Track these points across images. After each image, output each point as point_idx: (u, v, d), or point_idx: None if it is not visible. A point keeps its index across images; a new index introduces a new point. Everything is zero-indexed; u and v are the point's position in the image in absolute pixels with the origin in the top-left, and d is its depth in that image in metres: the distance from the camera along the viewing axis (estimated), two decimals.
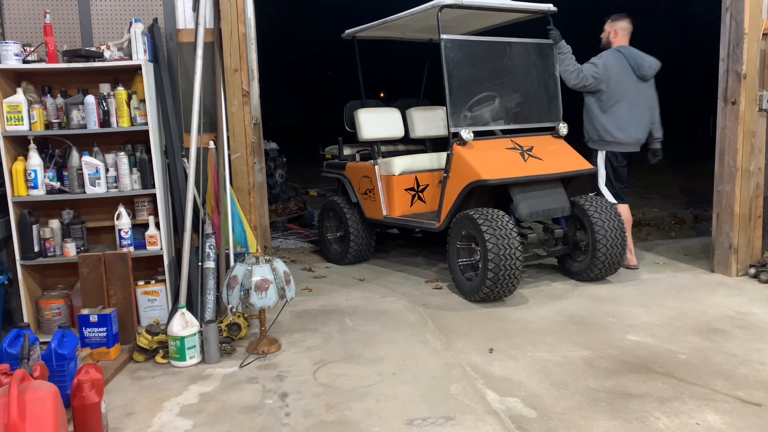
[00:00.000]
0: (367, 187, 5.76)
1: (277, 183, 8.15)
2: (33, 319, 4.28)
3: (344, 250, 5.98)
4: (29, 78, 4.31)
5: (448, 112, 4.86)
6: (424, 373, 3.54)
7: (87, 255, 4.09)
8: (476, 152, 4.83)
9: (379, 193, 5.60)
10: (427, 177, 5.61)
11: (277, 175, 8.14)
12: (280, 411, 3.15)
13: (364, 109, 6.02)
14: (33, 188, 4.14)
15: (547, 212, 4.90)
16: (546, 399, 3.18)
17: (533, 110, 5.47)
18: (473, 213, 4.62)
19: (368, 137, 5.88)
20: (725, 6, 5.10)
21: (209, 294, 4.21)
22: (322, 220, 6.30)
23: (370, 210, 5.76)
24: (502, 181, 4.70)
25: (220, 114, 4.65)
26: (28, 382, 2.46)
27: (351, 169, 6.03)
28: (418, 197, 5.60)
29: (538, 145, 5.10)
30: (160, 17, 4.60)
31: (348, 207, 5.96)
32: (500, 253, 4.38)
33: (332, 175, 6.32)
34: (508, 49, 5.30)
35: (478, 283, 4.57)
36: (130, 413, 3.19)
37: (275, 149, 8.41)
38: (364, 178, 5.78)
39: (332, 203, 6.12)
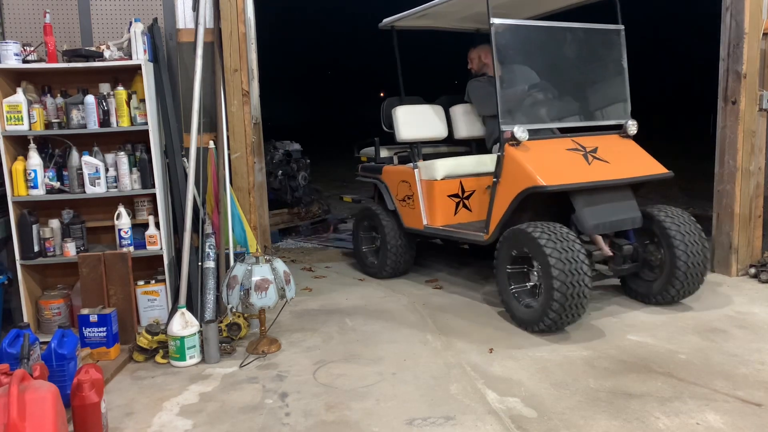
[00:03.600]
0: (405, 194, 5.18)
1: (300, 185, 7.78)
2: (33, 319, 4.28)
3: (381, 263, 5.45)
4: (29, 78, 4.31)
5: (499, 107, 4.23)
6: (424, 373, 3.54)
7: (87, 255, 4.09)
8: (532, 154, 4.20)
9: (419, 200, 5.03)
10: (473, 182, 5.01)
11: (300, 177, 7.75)
12: (280, 411, 3.15)
13: (403, 107, 5.44)
14: (33, 188, 4.14)
15: (616, 224, 4.19)
16: (546, 399, 3.18)
17: (597, 106, 4.80)
18: (529, 228, 3.95)
19: (407, 138, 5.34)
20: (725, 6, 5.10)
21: (209, 294, 4.21)
22: (356, 228, 5.79)
23: (409, 219, 5.19)
24: (563, 187, 4.04)
25: (220, 114, 4.65)
26: (28, 382, 2.46)
27: (388, 173, 5.45)
28: (462, 205, 5.00)
29: (604, 145, 4.46)
30: (160, 17, 4.60)
31: (385, 215, 5.40)
32: (567, 276, 3.75)
33: (367, 180, 5.76)
34: (569, 35, 4.66)
35: (540, 312, 3.90)
36: (130, 413, 3.19)
37: (298, 150, 8.01)
38: (403, 183, 5.21)
39: (367, 211, 5.61)
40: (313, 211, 7.84)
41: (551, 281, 3.77)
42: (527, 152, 4.21)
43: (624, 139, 4.67)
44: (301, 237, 7.43)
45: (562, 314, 3.83)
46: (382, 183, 5.50)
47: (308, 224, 7.61)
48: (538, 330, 3.98)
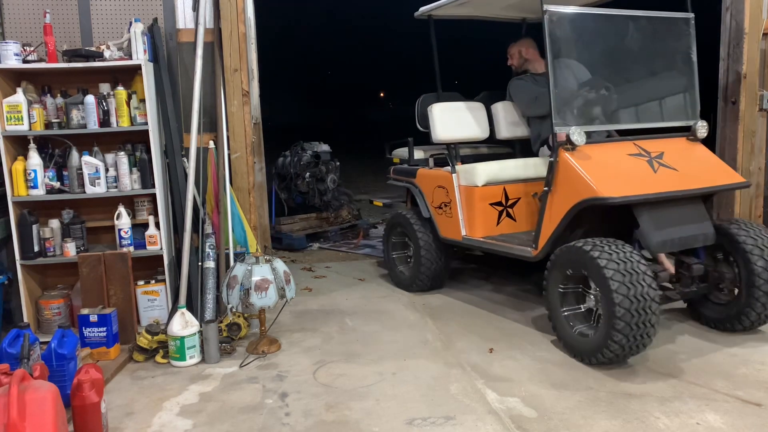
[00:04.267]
0: (442, 200, 4.69)
1: (329, 189, 7.31)
2: (33, 318, 4.28)
3: (414, 275, 4.99)
4: (29, 78, 4.30)
5: (553, 107, 3.76)
6: (424, 373, 3.54)
7: (87, 255, 4.09)
8: (590, 160, 3.70)
9: (458, 208, 4.54)
10: (518, 188, 4.48)
11: (328, 180, 7.30)
12: (280, 411, 3.15)
13: (440, 105, 4.89)
14: (33, 188, 4.14)
15: (686, 241, 3.67)
16: (546, 399, 3.18)
17: (662, 104, 4.28)
18: (587, 247, 3.45)
19: (444, 138, 4.80)
20: (725, 6, 5.10)
21: (209, 294, 4.21)
22: (387, 236, 5.34)
23: (446, 228, 4.70)
24: (628, 199, 3.52)
25: (220, 114, 4.65)
26: (28, 382, 2.46)
27: (423, 177, 4.97)
28: (506, 214, 4.48)
29: (671, 150, 3.93)
30: (160, 17, 4.60)
31: (419, 223, 4.93)
32: (631, 303, 3.24)
33: (400, 184, 5.31)
34: (631, 25, 4.13)
35: (600, 342, 3.38)
36: (130, 413, 3.19)
37: (327, 152, 7.52)
38: (439, 188, 4.73)
39: (399, 218, 5.13)
40: (342, 216, 7.46)
41: (613, 308, 3.26)
42: (585, 158, 3.71)
43: (692, 143, 4.10)
44: (329, 243, 7.09)
45: (624, 346, 3.30)
46: (415, 187, 5.03)
47: (337, 230, 7.28)
48: (595, 362, 3.47)
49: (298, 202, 7.35)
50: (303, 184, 7.19)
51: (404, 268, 5.20)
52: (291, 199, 7.32)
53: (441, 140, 4.82)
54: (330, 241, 7.13)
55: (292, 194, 7.31)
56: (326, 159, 7.43)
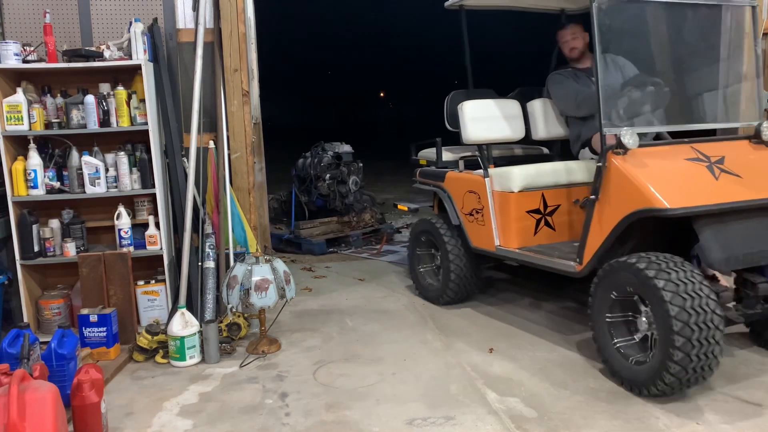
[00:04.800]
0: (473, 206, 4.32)
1: (351, 191, 6.95)
2: (33, 318, 4.28)
3: (442, 287, 4.62)
4: (29, 78, 4.31)
5: (601, 105, 3.37)
6: (424, 373, 3.54)
7: (87, 255, 4.09)
8: (644, 165, 3.29)
9: (491, 216, 4.17)
10: (558, 194, 4.09)
11: (350, 183, 6.93)
12: (280, 411, 3.15)
13: (471, 102, 4.48)
14: (33, 188, 4.14)
15: (753, 258, 3.20)
16: (546, 399, 3.18)
17: (721, 103, 3.89)
18: (640, 264, 3.07)
19: (476, 139, 4.39)
20: None
21: (209, 294, 4.21)
22: (413, 244, 4.97)
23: (478, 237, 4.32)
24: (690, 210, 3.10)
25: (220, 114, 4.65)
26: (28, 382, 2.46)
27: (452, 180, 4.56)
28: (544, 222, 4.09)
29: (732, 154, 3.49)
30: (160, 17, 4.60)
31: (447, 231, 4.56)
32: (693, 331, 2.88)
33: (427, 188, 4.90)
34: (689, 13, 3.76)
35: (656, 370, 3.00)
36: (130, 413, 3.19)
37: (349, 152, 7.17)
38: (470, 193, 4.34)
39: (426, 224, 4.77)
40: (365, 220, 7.11)
41: (671, 337, 2.90)
42: (638, 163, 3.29)
43: (756, 147, 3.62)
44: (351, 248, 6.78)
45: (682, 378, 2.97)
46: (444, 192, 4.63)
47: (359, 234, 6.96)
48: (647, 394, 3.11)
49: (318, 206, 7.06)
50: (323, 187, 6.87)
51: (431, 279, 4.83)
52: (311, 202, 7.03)
53: (472, 141, 4.41)
54: (351, 246, 6.83)
55: (312, 197, 7.02)
56: (348, 160, 7.08)
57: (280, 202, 7.50)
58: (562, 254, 3.78)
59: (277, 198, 7.52)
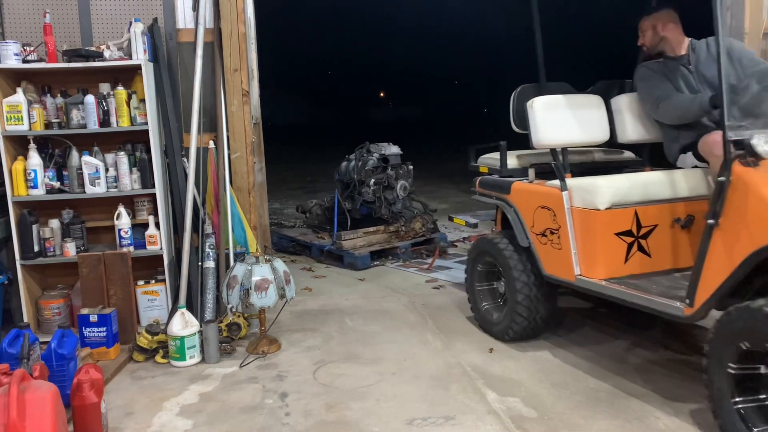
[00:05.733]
0: (547, 226, 3.58)
1: (399, 197, 6.30)
2: (33, 318, 4.28)
3: (507, 319, 3.87)
4: (29, 78, 4.30)
5: (725, 102, 2.68)
6: (424, 373, 3.54)
7: (87, 255, 4.09)
8: None
9: (569, 238, 3.42)
10: (655, 212, 3.33)
11: (398, 188, 6.26)
12: (280, 411, 3.15)
13: (544, 98, 3.79)
14: (33, 188, 4.14)
15: None
16: (546, 399, 3.18)
17: None
18: None
19: (551, 142, 3.67)
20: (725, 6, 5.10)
21: (209, 294, 4.21)
22: (472, 266, 4.22)
23: (552, 263, 3.58)
24: None
25: (220, 114, 4.65)
26: (28, 382, 2.46)
27: (520, 193, 3.83)
28: (638, 247, 3.32)
29: None
30: (160, 17, 4.60)
31: (514, 253, 3.82)
32: None
33: (488, 200, 4.17)
34: None
35: None
36: (130, 413, 3.19)
37: (397, 154, 6.46)
38: (543, 209, 3.60)
39: (488, 244, 4.03)
40: (415, 229, 6.35)
41: None
42: None
43: None
44: (398, 261, 6.09)
45: None
46: (510, 206, 3.89)
47: (408, 246, 6.21)
48: None
49: (363, 213, 6.42)
50: (368, 193, 6.23)
51: (494, 309, 4.09)
52: (355, 209, 6.38)
53: (545, 144, 3.69)
54: (399, 259, 6.12)
55: (356, 204, 6.35)
56: (396, 163, 6.41)
57: (323, 208, 6.91)
58: (663, 290, 3.05)
59: (321, 204, 7.00)
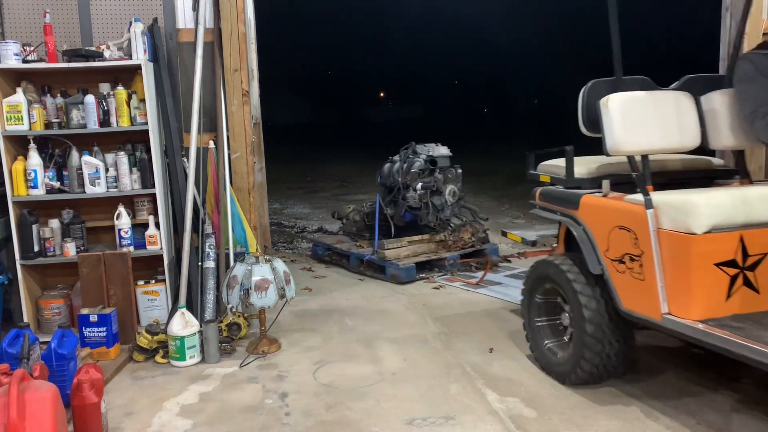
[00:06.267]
0: (625, 250, 2.95)
1: (447, 203, 5.68)
2: (33, 318, 4.28)
3: (573, 359, 3.24)
4: (29, 78, 4.30)
5: None
6: (424, 373, 3.54)
7: (87, 255, 4.09)
8: None
9: (655, 267, 2.81)
10: (766, 238, 2.74)
11: (447, 193, 5.66)
12: (280, 411, 3.15)
13: (622, 95, 3.10)
14: (33, 188, 4.14)
15: None
16: (546, 399, 3.18)
17: None
18: None
19: (631, 148, 3.02)
20: (725, 6, 5.10)
21: (209, 294, 4.21)
22: (529, 293, 3.61)
23: (632, 296, 2.96)
24: None
25: (220, 114, 4.65)
26: (28, 382, 2.46)
27: (591, 208, 3.23)
28: (743, 281, 2.72)
29: None
30: (160, 17, 4.60)
31: (582, 280, 3.20)
32: None
33: (551, 216, 3.60)
34: None
35: None
36: (130, 413, 3.19)
37: (446, 156, 5.89)
38: (621, 230, 2.97)
39: (549, 267, 3.41)
40: (464, 239, 5.85)
41: None
42: None
43: None
44: (444, 273, 5.61)
45: None
46: (578, 224, 3.29)
47: (456, 257, 5.71)
48: None
49: (408, 220, 5.87)
50: (413, 198, 5.64)
51: (556, 346, 3.47)
52: (399, 216, 5.82)
53: (623, 150, 3.04)
54: (446, 271, 5.64)
55: (400, 210, 5.78)
56: (444, 165, 5.84)
57: (362, 214, 6.35)
58: None
59: (360, 210, 6.44)
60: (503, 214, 8.50)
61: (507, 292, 4.98)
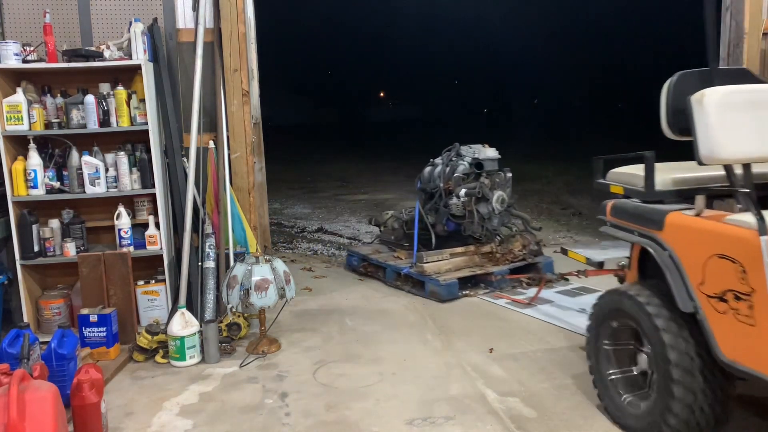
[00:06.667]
0: (728, 285, 2.39)
1: (495, 211, 5.16)
2: (33, 318, 4.28)
3: (656, 415, 2.65)
4: (29, 78, 4.30)
5: None
6: (424, 373, 3.54)
7: (87, 255, 4.09)
8: None
9: None
10: None
11: (494, 200, 5.15)
12: (280, 411, 3.15)
13: (720, 90, 2.51)
14: (33, 188, 4.14)
15: None
16: (546, 399, 3.18)
17: None
18: None
19: (732, 156, 2.43)
20: (725, 6, 5.11)
21: (209, 294, 4.21)
22: (596, 331, 3.02)
23: (736, 343, 2.39)
24: None
25: (220, 114, 4.65)
26: (28, 382, 2.46)
27: (681, 230, 2.67)
28: None
29: None
30: (160, 17, 4.60)
31: (666, 314, 2.63)
32: None
33: (625, 237, 3.05)
34: None
35: None
36: (130, 413, 3.19)
37: (494, 159, 5.33)
38: (722, 260, 2.42)
39: (623, 301, 2.83)
40: (513, 252, 5.20)
41: None
42: None
43: None
44: (492, 289, 4.96)
45: None
46: (663, 248, 2.72)
47: (505, 271, 5.06)
48: None
49: (450, 230, 5.27)
50: (457, 206, 5.12)
51: (632, 396, 2.88)
52: (440, 225, 5.28)
53: (723, 158, 2.44)
54: (492, 287, 4.98)
55: (441, 218, 5.25)
56: (491, 169, 5.29)
57: (401, 222, 5.80)
58: None
59: (397, 216, 5.91)
60: None
61: (564, 317, 4.32)
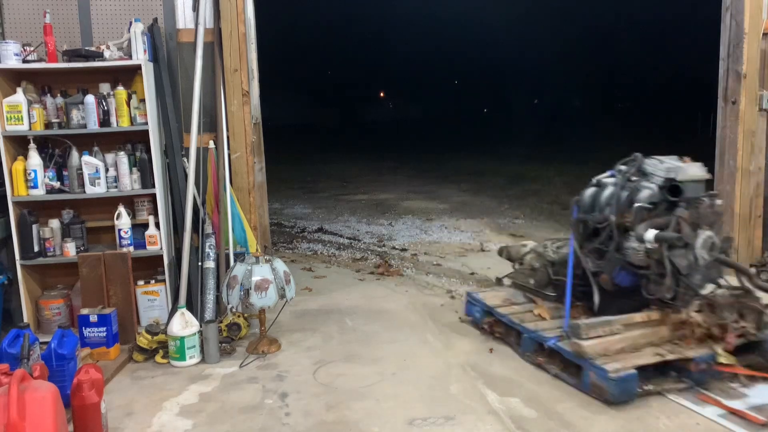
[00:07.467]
0: None
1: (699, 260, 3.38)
2: (33, 318, 4.28)
3: None
4: (29, 78, 4.30)
5: None
6: (424, 373, 3.54)
7: (87, 255, 4.09)
8: None
9: None
10: None
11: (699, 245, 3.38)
12: (280, 411, 3.15)
13: None
14: (33, 188, 4.14)
15: None
16: (546, 399, 3.18)
17: None
18: None
19: None
20: (725, 6, 5.11)
21: (209, 294, 4.21)
22: None
23: None
24: None
25: (220, 114, 4.65)
26: (28, 382, 2.46)
27: None
28: None
29: None
30: (160, 17, 4.60)
31: None
32: None
33: None
34: None
35: None
36: (130, 413, 3.19)
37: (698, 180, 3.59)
38: None
39: None
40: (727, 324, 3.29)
41: None
42: None
43: None
44: (691, 385, 3.20)
45: None
46: None
47: (710, 358, 3.23)
48: None
49: (623, 285, 3.54)
50: (637, 252, 3.38)
51: None
52: (609, 275, 3.55)
53: None
54: (692, 380, 3.21)
55: (611, 266, 3.53)
56: (695, 196, 3.51)
57: (545, 261, 4.13)
58: None
59: (540, 253, 4.22)
60: (503, 215, 8.49)
61: None
